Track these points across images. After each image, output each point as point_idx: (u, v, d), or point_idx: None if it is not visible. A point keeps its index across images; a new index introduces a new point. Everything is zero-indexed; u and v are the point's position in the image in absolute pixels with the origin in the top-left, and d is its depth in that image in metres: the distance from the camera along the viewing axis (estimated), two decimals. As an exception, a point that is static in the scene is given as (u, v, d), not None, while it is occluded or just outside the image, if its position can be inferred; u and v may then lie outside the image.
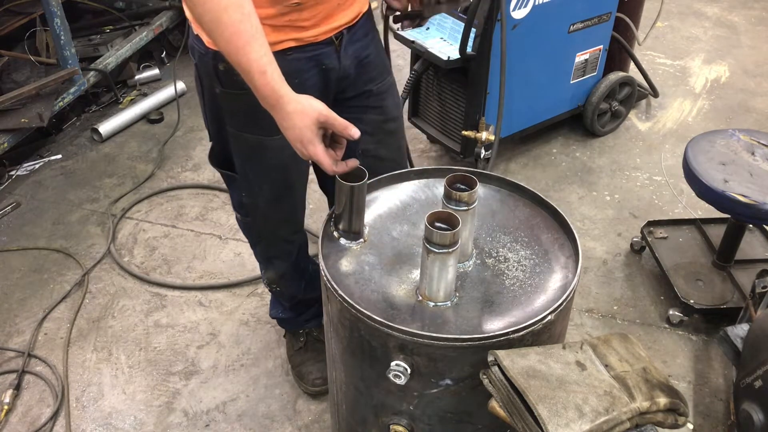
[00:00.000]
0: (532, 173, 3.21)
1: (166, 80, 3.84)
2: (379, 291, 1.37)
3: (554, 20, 2.90)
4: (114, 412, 2.19)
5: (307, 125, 1.30)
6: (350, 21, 1.58)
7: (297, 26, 1.48)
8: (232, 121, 1.64)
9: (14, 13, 3.49)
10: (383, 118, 1.76)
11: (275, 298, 2.19)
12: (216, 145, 1.77)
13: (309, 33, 1.51)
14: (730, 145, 2.38)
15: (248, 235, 2.00)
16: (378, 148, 1.77)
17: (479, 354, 1.23)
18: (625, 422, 1.14)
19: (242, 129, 1.63)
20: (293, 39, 1.50)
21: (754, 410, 1.73)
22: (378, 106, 1.74)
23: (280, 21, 1.46)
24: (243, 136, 1.64)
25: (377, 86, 1.72)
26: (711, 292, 2.44)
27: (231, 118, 1.64)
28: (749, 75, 4.02)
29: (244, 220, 1.90)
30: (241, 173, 1.74)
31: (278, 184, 1.75)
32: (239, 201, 1.84)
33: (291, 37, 1.49)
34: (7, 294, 2.62)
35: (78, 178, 3.23)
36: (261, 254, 2.01)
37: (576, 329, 2.44)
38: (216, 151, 1.78)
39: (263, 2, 1.40)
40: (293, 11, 1.46)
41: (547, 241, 1.48)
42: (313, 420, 2.16)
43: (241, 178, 1.76)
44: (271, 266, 1.99)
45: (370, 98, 1.72)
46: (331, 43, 1.56)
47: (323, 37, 1.54)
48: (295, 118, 1.30)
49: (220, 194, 3.11)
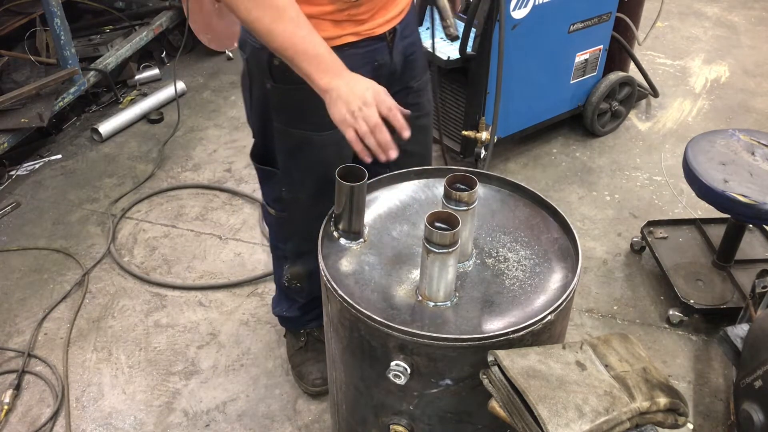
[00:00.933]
0: (532, 173, 3.21)
1: (166, 80, 3.84)
2: (379, 291, 1.37)
3: (554, 20, 2.90)
4: (114, 412, 2.19)
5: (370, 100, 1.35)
6: (401, 12, 1.64)
7: (355, 20, 1.55)
8: (280, 117, 1.67)
9: (14, 13, 3.49)
10: (418, 114, 1.81)
11: (287, 295, 2.17)
12: (259, 140, 1.81)
13: (366, 26, 1.57)
14: (730, 145, 2.38)
15: (280, 231, 2.00)
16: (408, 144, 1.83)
17: (479, 354, 1.23)
18: (625, 422, 1.15)
19: (290, 125, 1.66)
20: (352, 33, 1.56)
21: (754, 410, 1.73)
22: (416, 103, 1.79)
23: (340, 16, 1.52)
24: (290, 131, 1.67)
25: (418, 83, 1.79)
26: (711, 292, 2.44)
27: (279, 113, 1.66)
28: (749, 75, 4.02)
29: (279, 215, 1.91)
30: (283, 169, 1.77)
31: (321, 180, 1.77)
32: (277, 196, 1.86)
33: (349, 31, 1.55)
34: (7, 294, 2.62)
35: (78, 178, 3.23)
36: (292, 250, 2.00)
37: (576, 329, 2.44)
38: (258, 147, 1.82)
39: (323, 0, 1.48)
40: (351, 6, 1.52)
41: (547, 241, 1.48)
42: (313, 420, 2.16)
43: (282, 174, 1.78)
44: (300, 262, 1.99)
45: (409, 95, 1.78)
46: (384, 39, 1.62)
47: (379, 31, 1.60)
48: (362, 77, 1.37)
49: (220, 194, 3.11)
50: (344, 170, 1.41)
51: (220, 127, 3.58)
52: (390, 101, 1.35)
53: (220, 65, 4.15)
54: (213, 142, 3.46)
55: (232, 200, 3.08)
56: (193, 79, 3.98)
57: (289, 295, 2.15)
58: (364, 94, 1.34)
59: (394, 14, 1.62)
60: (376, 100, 1.34)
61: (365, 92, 1.34)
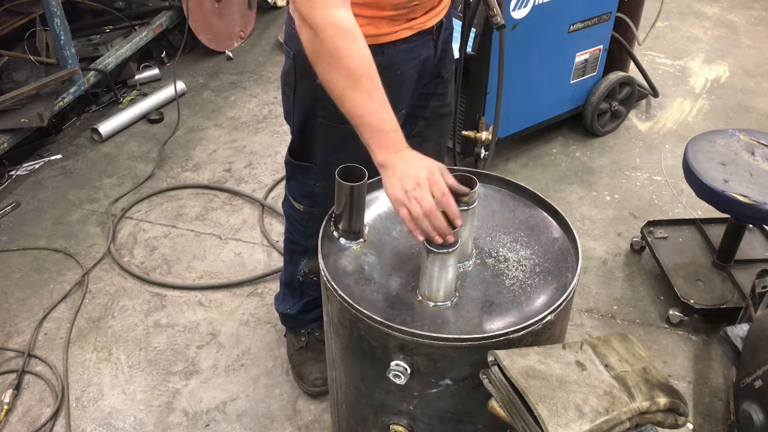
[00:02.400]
0: (532, 173, 3.21)
1: (166, 80, 3.84)
2: (379, 291, 1.37)
3: (554, 20, 2.90)
4: (114, 412, 2.19)
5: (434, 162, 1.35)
6: (446, 5, 1.69)
7: (410, 18, 1.59)
8: (326, 112, 1.68)
9: (14, 13, 3.49)
10: (441, 103, 1.88)
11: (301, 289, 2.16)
12: (296, 137, 1.83)
13: (418, 21, 1.61)
14: (730, 145, 2.38)
15: (305, 226, 2.00)
16: (426, 129, 1.89)
17: (479, 354, 1.23)
18: (625, 422, 1.15)
19: (337, 120, 1.66)
20: (406, 29, 1.60)
21: (754, 410, 1.73)
22: (442, 93, 1.86)
23: (397, 16, 1.56)
24: (337, 127, 1.67)
25: (447, 73, 1.85)
26: (711, 292, 2.44)
27: (326, 109, 1.67)
28: (749, 75, 4.02)
29: (308, 210, 1.93)
30: (322, 164, 1.79)
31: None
32: (308, 191, 1.88)
33: (404, 27, 1.59)
34: (7, 294, 2.62)
35: (78, 178, 3.23)
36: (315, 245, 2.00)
37: (576, 329, 2.44)
38: (295, 143, 1.84)
39: (387, 6, 1.52)
40: (410, 12, 1.57)
41: (547, 241, 1.48)
42: (313, 420, 2.16)
43: (320, 169, 1.80)
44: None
45: (438, 85, 1.84)
46: (431, 32, 1.67)
47: (429, 24, 1.64)
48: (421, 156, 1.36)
49: (220, 194, 3.11)
50: (344, 170, 1.41)
51: (220, 127, 3.58)
52: (443, 185, 1.31)
53: (220, 65, 4.15)
54: (213, 142, 3.46)
55: (232, 200, 3.08)
56: (193, 79, 3.98)
57: (303, 290, 2.14)
58: (418, 174, 1.31)
59: (441, 8, 1.68)
60: (430, 182, 1.31)
61: (420, 172, 1.31)
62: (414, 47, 1.65)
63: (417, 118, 1.86)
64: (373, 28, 1.53)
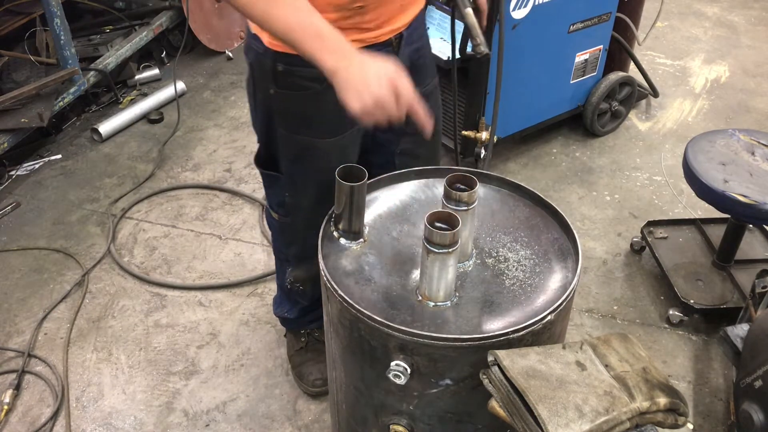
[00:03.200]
0: (532, 173, 3.21)
1: (166, 80, 3.84)
2: (379, 291, 1.37)
3: (554, 20, 2.90)
4: (114, 412, 2.19)
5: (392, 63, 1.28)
6: (410, 21, 1.63)
7: (360, 28, 1.53)
8: (283, 123, 1.66)
9: (14, 13, 3.49)
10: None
11: (289, 297, 2.18)
12: (263, 146, 1.80)
13: (371, 34, 1.55)
14: (730, 145, 2.38)
15: (283, 235, 2.00)
16: (416, 148, 1.83)
17: (479, 354, 1.23)
18: (625, 422, 1.14)
19: (294, 131, 1.65)
20: (356, 40, 1.53)
21: (754, 410, 1.73)
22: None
23: (344, 24, 1.49)
24: (294, 137, 1.66)
25: (425, 88, 1.76)
26: (711, 292, 2.44)
27: (283, 119, 1.65)
28: (749, 75, 4.02)
29: (283, 220, 1.91)
30: (287, 174, 1.76)
31: (324, 186, 1.76)
32: (281, 201, 1.86)
33: (353, 38, 1.52)
34: (7, 294, 2.62)
35: (78, 178, 3.23)
36: (295, 254, 2.00)
37: (576, 329, 2.44)
38: (262, 152, 1.81)
39: (327, 8, 1.44)
40: (356, 14, 1.49)
41: (547, 241, 1.48)
42: (313, 420, 2.16)
43: (286, 179, 1.78)
44: (304, 265, 1.98)
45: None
46: (390, 44, 1.60)
47: (384, 38, 1.58)
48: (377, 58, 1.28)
49: (220, 194, 3.11)
50: (344, 170, 1.41)
51: (220, 127, 3.58)
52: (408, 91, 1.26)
53: (220, 65, 4.15)
54: (213, 142, 3.46)
55: (232, 200, 3.08)
56: (193, 79, 3.98)
57: (291, 297, 2.15)
58: (379, 82, 1.24)
59: (400, 24, 1.61)
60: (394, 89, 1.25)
61: (379, 79, 1.24)
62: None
63: (399, 134, 1.78)
64: None
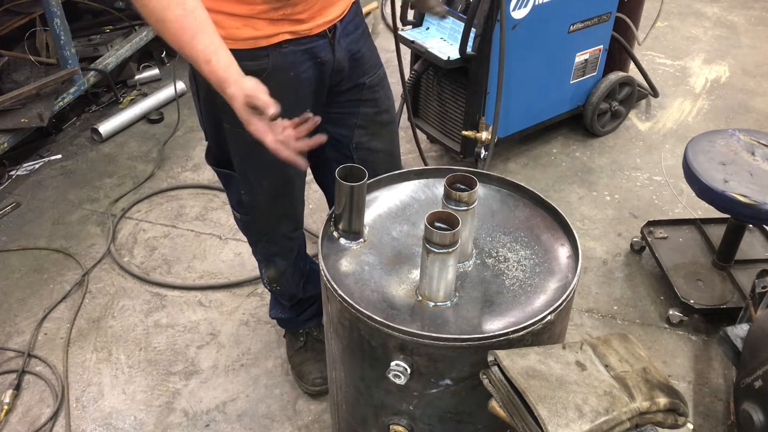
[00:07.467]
0: (532, 173, 3.21)
1: (166, 80, 3.84)
2: (379, 291, 1.37)
3: (554, 20, 2.89)
4: (114, 412, 2.19)
5: (241, 105, 1.33)
6: (342, 12, 1.62)
7: (292, 20, 1.52)
8: (228, 117, 1.63)
9: (14, 13, 3.49)
10: (376, 111, 1.80)
11: (275, 298, 2.19)
12: (213, 144, 1.78)
13: (304, 26, 1.55)
14: (730, 145, 2.38)
15: (248, 234, 2.00)
16: (371, 140, 1.82)
17: (479, 354, 1.23)
18: (625, 422, 1.15)
19: (238, 125, 1.63)
20: (288, 32, 1.54)
21: (754, 410, 1.73)
22: (371, 99, 1.78)
23: (275, 15, 1.50)
24: (240, 132, 1.63)
25: (370, 79, 1.76)
26: (711, 292, 2.44)
27: (227, 114, 1.63)
28: (749, 75, 4.02)
29: (243, 219, 1.90)
30: (239, 171, 1.75)
31: (277, 180, 1.75)
32: (238, 200, 1.84)
33: (286, 30, 1.53)
34: (7, 294, 2.62)
35: (78, 178, 3.23)
36: (262, 253, 2.01)
37: (576, 329, 2.44)
38: (213, 150, 1.79)
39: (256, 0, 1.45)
40: (287, 6, 1.49)
41: (547, 241, 1.48)
42: (313, 420, 2.16)
43: (239, 176, 1.76)
44: (272, 264, 1.98)
45: (363, 91, 1.75)
46: (325, 36, 1.60)
47: (318, 30, 1.57)
48: (234, 101, 1.33)
49: (220, 194, 3.11)
50: (344, 170, 1.41)
51: (220, 127, 3.58)
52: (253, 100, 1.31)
53: (220, 65, 4.14)
54: (213, 142, 3.46)
55: (232, 200, 3.08)
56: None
57: (274, 297, 2.16)
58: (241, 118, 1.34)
59: (333, 16, 1.60)
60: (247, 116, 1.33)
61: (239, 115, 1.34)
62: (305, 49, 1.57)
63: (351, 127, 1.78)
64: (251, 30, 1.49)
